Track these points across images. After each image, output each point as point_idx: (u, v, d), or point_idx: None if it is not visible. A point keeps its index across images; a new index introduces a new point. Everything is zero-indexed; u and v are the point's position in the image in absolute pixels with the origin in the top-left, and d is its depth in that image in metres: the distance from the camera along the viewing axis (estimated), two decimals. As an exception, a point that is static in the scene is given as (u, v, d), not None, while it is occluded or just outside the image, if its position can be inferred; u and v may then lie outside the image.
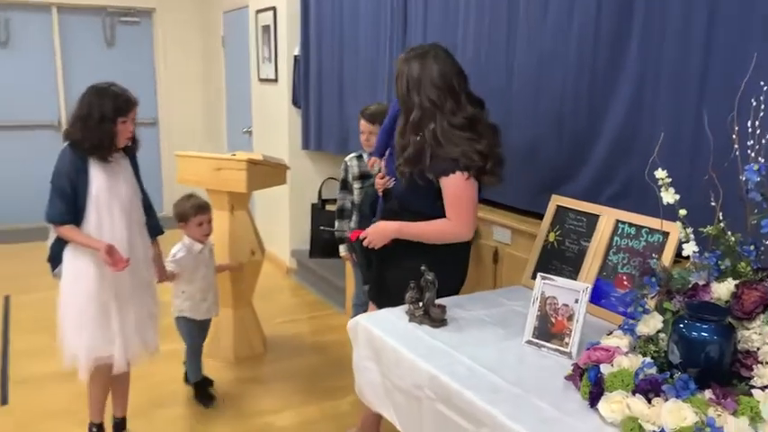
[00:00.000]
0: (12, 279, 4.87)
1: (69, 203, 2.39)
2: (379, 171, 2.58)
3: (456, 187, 2.11)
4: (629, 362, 1.50)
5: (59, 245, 2.48)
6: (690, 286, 1.60)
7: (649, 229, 2.06)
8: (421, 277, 2.04)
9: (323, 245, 4.29)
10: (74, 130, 2.41)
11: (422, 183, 2.16)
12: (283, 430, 2.94)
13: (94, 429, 2.68)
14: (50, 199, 2.41)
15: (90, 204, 2.42)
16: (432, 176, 2.13)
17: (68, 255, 2.47)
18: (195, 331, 3.16)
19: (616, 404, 1.42)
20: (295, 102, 5.00)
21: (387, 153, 2.57)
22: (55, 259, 2.51)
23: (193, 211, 3.04)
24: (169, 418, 3.01)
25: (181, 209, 3.06)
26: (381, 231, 2.28)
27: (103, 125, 2.39)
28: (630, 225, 2.13)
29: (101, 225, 2.44)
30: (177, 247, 3.06)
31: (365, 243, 2.30)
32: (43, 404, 3.07)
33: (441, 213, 2.17)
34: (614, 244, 2.16)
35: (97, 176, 2.42)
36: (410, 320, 2.04)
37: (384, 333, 1.97)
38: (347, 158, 3.33)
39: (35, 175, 6.17)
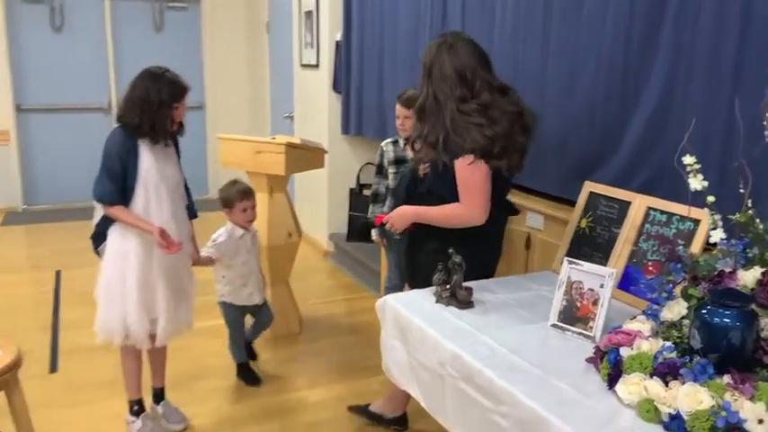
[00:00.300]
0: (63, 255, 5.09)
1: (118, 183, 2.46)
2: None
3: (464, 170, 2.14)
4: (649, 345, 1.51)
5: (104, 224, 2.56)
6: (716, 273, 1.59)
7: (680, 216, 2.04)
8: (448, 260, 2.07)
9: (359, 229, 4.36)
10: (130, 114, 2.45)
11: (439, 167, 2.20)
12: (316, 406, 3.03)
13: (135, 407, 2.76)
14: (100, 178, 2.48)
15: (138, 185, 2.48)
16: (447, 160, 2.16)
17: (115, 234, 2.54)
18: (237, 316, 3.19)
19: (633, 386, 1.44)
20: (335, 87, 5.06)
21: None
22: (98, 237, 2.59)
23: (239, 197, 3.05)
24: (206, 390, 3.13)
25: (226, 194, 3.08)
26: (402, 215, 2.35)
27: (161, 110, 2.45)
28: (662, 212, 2.12)
29: (148, 206, 2.51)
30: (219, 231, 3.09)
31: (387, 227, 2.37)
32: (89, 374, 3.23)
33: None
34: (645, 231, 2.15)
35: (146, 158, 2.49)
36: (437, 302, 2.08)
37: (410, 313, 2.02)
38: (383, 144, 3.37)
39: (86, 156, 6.44)
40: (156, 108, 2.44)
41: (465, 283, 2.08)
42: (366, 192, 4.54)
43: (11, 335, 2.42)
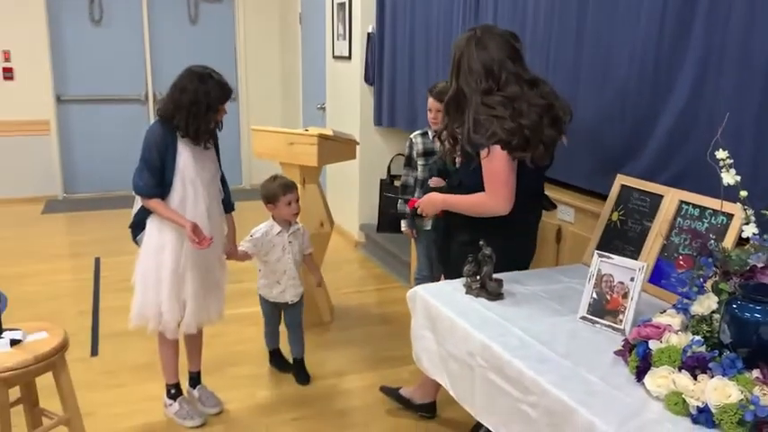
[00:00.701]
0: (101, 243, 5.24)
1: (157, 177, 2.52)
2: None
3: (486, 162, 2.15)
4: (678, 339, 1.52)
5: (143, 214, 2.63)
6: (747, 268, 1.59)
7: (713, 210, 2.03)
8: (479, 251, 2.10)
9: (390, 220, 4.39)
10: (175, 115, 2.48)
11: (465, 159, 2.23)
12: (346, 393, 3.09)
13: (173, 391, 2.86)
14: (139, 171, 2.53)
15: (176, 179, 2.55)
16: (471, 151, 2.18)
17: (153, 225, 2.61)
18: (271, 309, 3.19)
19: (662, 379, 1.45)
20: (367, 79, 5.09)
21: None
22: (137, 227, 2.66)
23: (282, 191, 3.01)
24: (241, 376, 3.21)
25: (269, 190, 3.04)
26: (431, 202, 2.41)
27: (209, 114, 2.50)
28: (694, 206, 2.11)
29: (185, 198, 2.57)
30: (259, 226, 3.08)
31: (418, 211, 2.44)
32: (128, 357, 3.34)
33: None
34: (677, 225, 2.15)
35: (185, 152, 2.55)
36: (467, 293, 2.11)
37: (440, 303, 2.05)
38: (412, 136, 3.39)
39: (124, 145, 6.61)
40: (203, 111, 2.48)
41: (495, 275, 2.10)
42: (397, 182, 4.57)
43: (53, 319, 2.52)
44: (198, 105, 2.47)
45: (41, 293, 4.20)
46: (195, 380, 2.96)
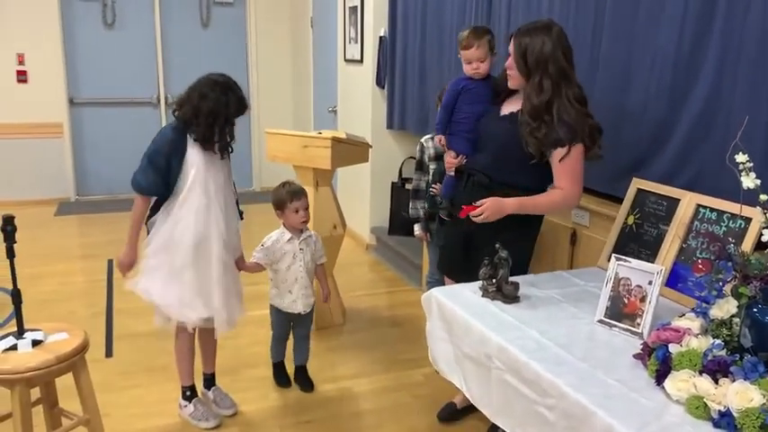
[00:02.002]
0: (114, 244, 5.19)
1: (162, 177, 2.54)
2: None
3: (569, 157, 2.21)
4: (699, 342, 1.52)
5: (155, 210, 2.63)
6: (767, 272, 1.59)
7: (731, 214, 2.03)
8: (496, 254, 2.10)
9: (402, 223, 4.40)
10: (195, 121, 2.50)
11: (528, 155, 2.24)
12: (359, 396, 3.10)
13: (188, 392, 2.87)
14: (143, 170, 2.55)
15: (189, 185, 2.55)
16: (546, 149, 2.21)
17: (167, 225, 2.60)
18: (281, 320, 3.12)
19: (682, 383, 1.45)
20: (378, 82, 5.11)
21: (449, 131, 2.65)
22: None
23: (289, 197, 2.94)
24: (254, 377, 3.22)
25: (277, 196, 2.99)
26: (499, 207, 2.24)
27: (226, 126, 2.53)
28: (711, 210, 2.11)
29: (198, 204, 2.58)
30: (270, 234, 3.04)
31: (479, 219, 2.24)
32: (142, 359, 3.35)
33: (532, 184, 2.28)
34: (694, 228, 2.15)
35: (197, 158, 2.56)
36: (483, 296, 2.12)
37: (457, 305, 2.05)
38: (423, 140, 3.40)
39: (136, 148, 6.58)
40: (222, 123, 2.51)
41: (511, 278, 2.10)
42: (409, 186, 4.57)
43: (67, 321, 2.53)
44: (217, 116, 2.49)
45: (55, 295, 4.23)
46: (210, 381, 2.97)
